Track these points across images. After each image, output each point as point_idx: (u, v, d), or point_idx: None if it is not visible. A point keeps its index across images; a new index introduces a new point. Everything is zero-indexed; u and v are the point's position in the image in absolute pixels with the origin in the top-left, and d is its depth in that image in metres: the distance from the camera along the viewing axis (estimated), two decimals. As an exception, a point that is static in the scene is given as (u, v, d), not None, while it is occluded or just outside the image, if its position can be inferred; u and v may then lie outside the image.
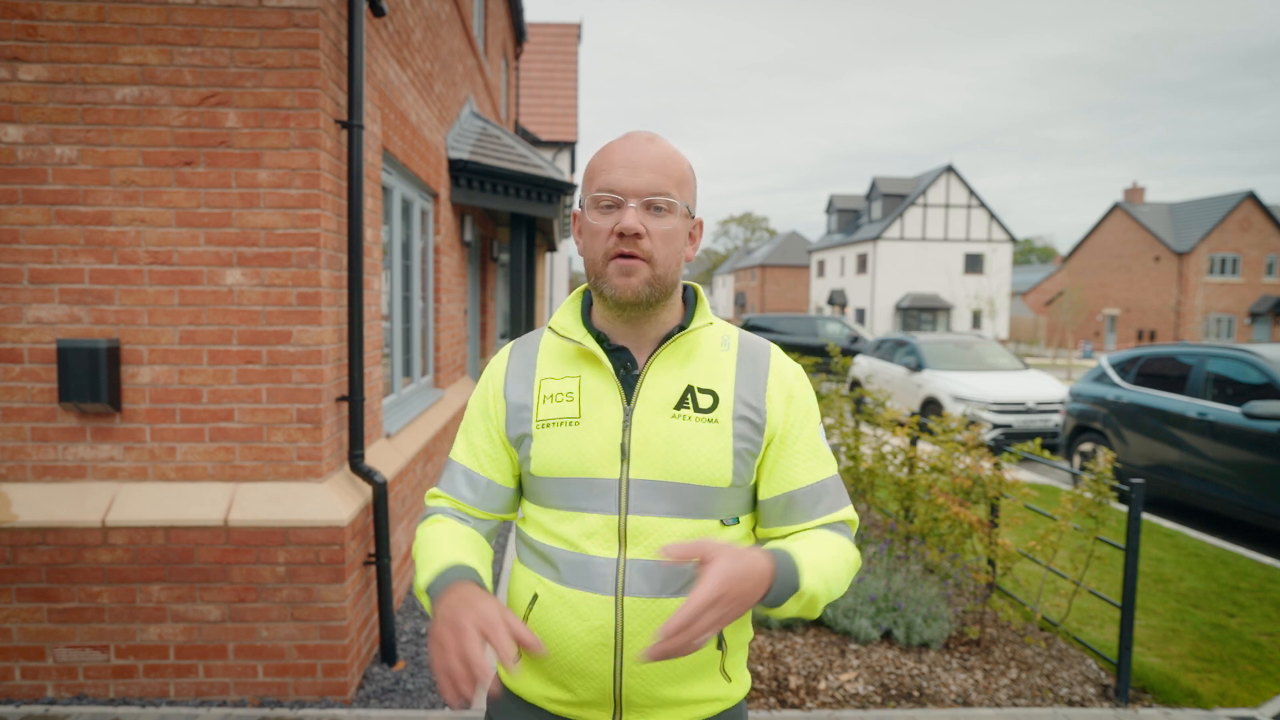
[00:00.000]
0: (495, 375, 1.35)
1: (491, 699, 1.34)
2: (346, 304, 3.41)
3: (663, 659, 1.01)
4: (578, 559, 1.21)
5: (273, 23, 3.05)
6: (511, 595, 1.33)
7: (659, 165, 1.19)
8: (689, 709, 1.24)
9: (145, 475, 3.17)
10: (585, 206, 1.23)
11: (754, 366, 1.28)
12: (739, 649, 1.30)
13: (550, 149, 15.76)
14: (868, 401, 5.61)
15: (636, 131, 1.26)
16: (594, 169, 1.23)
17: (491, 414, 1.32)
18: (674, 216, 1.21)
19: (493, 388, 1.33)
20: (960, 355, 11.83)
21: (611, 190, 1.18)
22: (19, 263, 3.06)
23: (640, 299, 1.20)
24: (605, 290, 1.21)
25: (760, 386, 1.27)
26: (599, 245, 1.20)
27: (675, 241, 1.22)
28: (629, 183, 1.18)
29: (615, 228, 1.18)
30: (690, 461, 1.20)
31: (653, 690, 1.21)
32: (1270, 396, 6.08)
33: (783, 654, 3.74)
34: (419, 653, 3.71)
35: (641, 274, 1.19)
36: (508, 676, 1.32)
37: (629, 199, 1.18)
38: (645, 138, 1.23)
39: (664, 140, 1.24)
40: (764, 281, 64.16)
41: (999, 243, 40.62)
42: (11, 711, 3.05)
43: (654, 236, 1.19)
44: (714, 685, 1.25)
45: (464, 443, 1.35)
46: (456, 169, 6.01)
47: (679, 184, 1.22)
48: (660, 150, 1.21)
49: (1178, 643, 4.16)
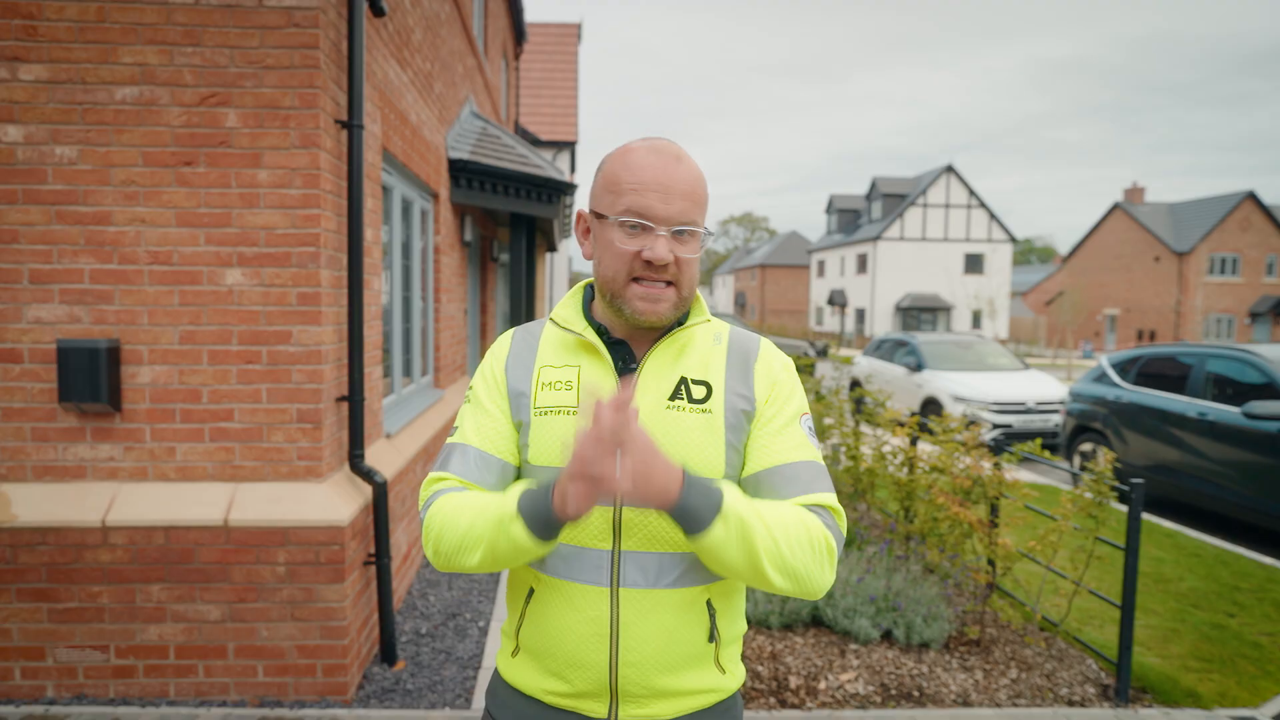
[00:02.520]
0: (498, 359, 1.34)
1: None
2: (346, 304, 3.41)
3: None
4: (573, 551, 1.22)
5: (273, 23, 3.05)
6: (510, 590, 1.35)
7: (689, 191, 1.20)
8: (684, 699, 1.25)
9: (145, 475, 3.17)
10: (608, 222, 1.22)
11: (744, 358, 1.31)
12: (732, 641, 1.31)
13: (550, 149, 15.76)
14: (868, 401, 5.61)
15: (660, 143, 1.23)
16: (617, 182, 1.20)
17: (496, 395, 1.31)
18: (697, 241, 1.23)
19: (495, 371, 1.33)
20: (960, 355, 11.82)
21: (643, 216, 1.18)
22: (19, 263, 3.06)
23: (664, 322, 1.24)
24: (626, 311, 1.22)
25: (749, 375, 1.29)
26: (622, 267, 1.21)
27: (696, 265, 1.25)
28: (661, 210, 1.18)
29: (643, 254, 1.18)
30: (684, 451, 1.21)
31: (648, 680, 1.22)
32: (1270, 396, 6.08)
33: (783, 654, 3.74)
34: (419, 653, 3.71)
35: (668, 300, 1.22)
36: (506, 669, 1.33)
37: (660, 226, 1.18)
38: (674, 156, 1.21)
39: (689, 157, 1.23)
40: (764, 281, 64.15)
41: (999, 243, 40.61)
42: (11, 711, 3.05)
43: (680, 264, 1.21)
44: (708, 676, 1.26)
45: (471, 425, 1.30)
46: (456, 169, 6.01)
47: (703, 209, 1.23)
48: (689, 174, 1.21)
49: (1178, 643, 4.15)
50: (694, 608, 1.23)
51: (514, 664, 1.31)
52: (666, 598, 1.21)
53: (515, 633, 1.31)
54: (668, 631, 1.21)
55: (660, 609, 1.21)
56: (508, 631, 1.34)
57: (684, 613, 1.22)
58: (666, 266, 1.19)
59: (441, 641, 3.84)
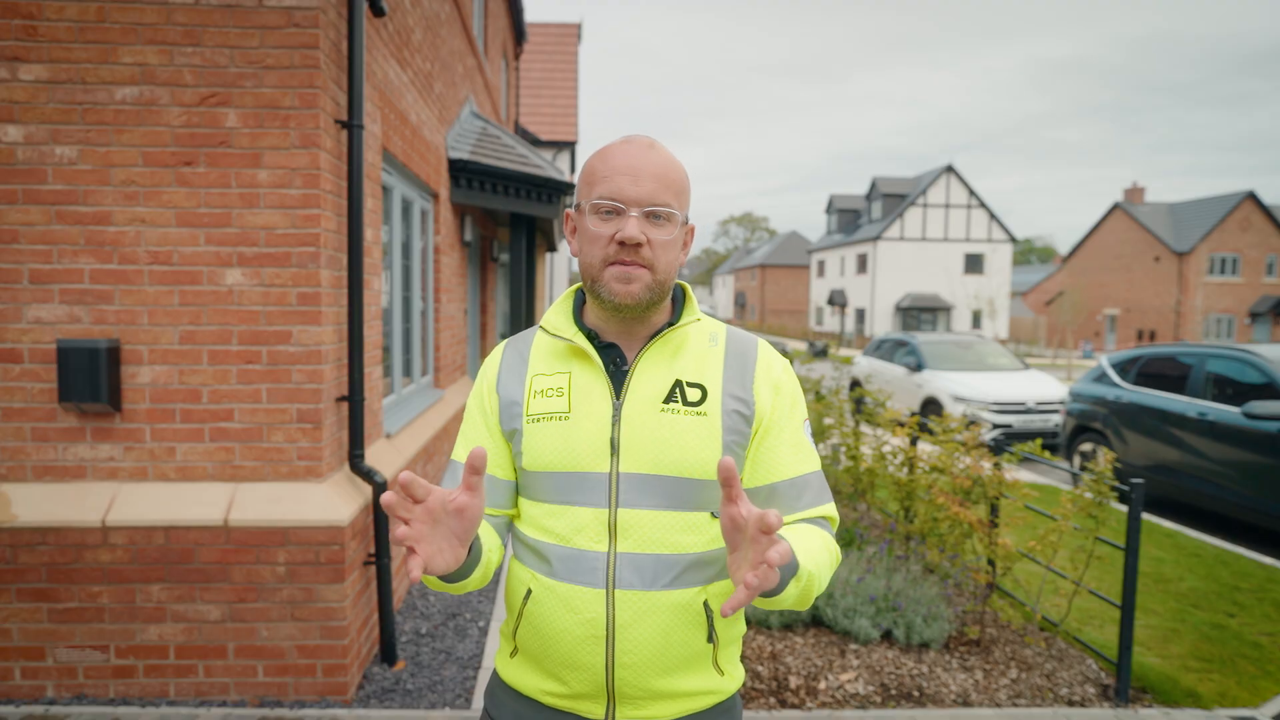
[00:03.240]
0: (489, 372, 1.37)
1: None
2: (346, 304, 3.41)
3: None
4: (569, 553, 1.23)
5: (273, 23, 3.05)
6: (508, 592, 1.36)
7: (660, 174, 1.21)
8: (682, 701, 1.25)
9: (145, 475, 3.17)
10: (584, 211, 1.25)
11: (742, 360, 1.31)
12: (731, 642, 1.31)
13: (550, 149, 15.76)
14: (868, 401, 5.61)
15: (635, 136, 1.27)
16: (593, 173, 1.24)
17: (487, 409, 1.34)
18: (673, 225, 1.23)
19: (487, 384, 1.36)
20: (960, 355, 11.82)
21: (613, 198, 1.20)
22: (19, 263, 3.06)
23: (640, 304, 1.23)
24: (603, 294, 1.24)
25: (748, 379, 1.29)
26: (597, 251, 1.23)
27: (673, 249, 1.25)
28: (631, 191, 1.19)
29: (616, 236, 1.20)
30: (679, 454, 1.22)
31: (644, 682, 1.22)
32: (1270, 396, 6.08)
33: (783, 654, 3.74)
34: (419, 653, 3.71)
35: (642, 280, 1.22)
36: (504, 670, 1.33)
37: (630, 208, 1.20)
38: (645, 144, 1.24)
39: (663, 147, 1.26)
40: (764, 281, 64.17)
41: (999, 243, 40.60)
42: (11, 711, 3.05)
43: (654, 245, 1.22)
44: (706, 678, 1.26)
45: (463, 443, 1.37)
46: (456, 169, 6.01)
47: (678, 193, 1.24)
48: (660, 159, 1.23)
49: (1178, 643, 4.15)
50: (691, 609, 1.23)
51: (512, 665, 1.32)
52: (663, 599, 1.21)
53: (513, 634, 1.31)
54: (664, 633, 1.21)
55: (657, 611, 1.21)
56: (506, 632, 1.34)
57: (681, 614, 1.22)
58: (639, 247, 1.20)
59: (441, 641, 3.84)
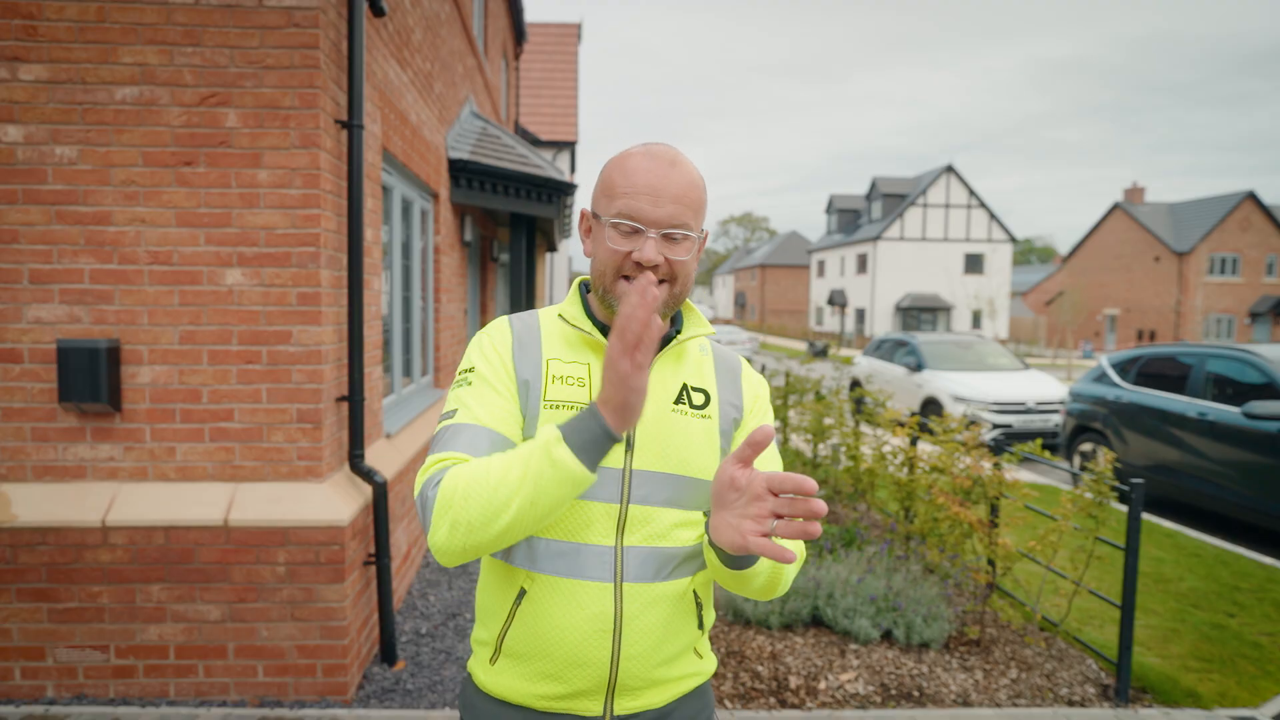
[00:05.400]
0: (500, 344, 1.29)
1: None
2: (346, 304, 3.41)
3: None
4: (573, 547, 1.23)
5: (273, 23, 3.05)
6: (489, 596, 1.30)
7: (681, 195, 1.21)
8: (673, 686, 1.31)
9: (145, 475, 3.17)
10: (602, 223, 1.24)
11: (730, 372, 1.39)
12: (708, 628, 1.39)
13: (550, 149, 15.76)
14: (868, 401, 5.61)
15: (657, 148, 1.25)
16: (612, 186, 1.23)
17: (505, 378, 1.26)
18: (690, 243, 1.24)
19: (501, 355, 1.28)
20: (960, 355, 11.82)
21: (632, 218, 1.20)
22: (19, 263, 3.06)
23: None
24: (614, 303, 1.25)
25: (737, 387, 1.38)
26: (612, 264, 1.23)
27: (690, 265, 1.27)
28: (651, 213, 1.20)
29: (633, 256, 1.21)
30: (686, 454, 1.26)
31: (647, 672, 1.25)
32: (1270, 396, 6.08)
33: (783, 654, 3.74)
34: (419, 653, 3.71)
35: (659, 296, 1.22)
36: (485, 678, 1.29)
37: (649, 229, 1.20)
38: (668, 160, 1.23)
39: (685, 161, 1.25)
40: (764, 281, 64.17)
41: (999, 243, 40.60)
42: (11, 711, 3.05)
43: (673, 264, 1.23)
44: (692, 663, 1.34)
45: (480, 405, 1.23)
46: (456, 169, 6.01)
47: (697, 211, 1.25)
48: (682, 178, 1.22)
49: (1178, 643, 4.15)
50: (685, 599, 1.29)
51: (495, 671, 1.28)
52: (664, 590, 1.25)
53: (497, 639, 1.27)
54: (665, 623, 1.26)
55: (659, 602, 1.25)
56: (483, 639, 1.31)
57: (678, 604, 1.27)
58: (657, 267, 1.21)
59: (441, 641, 3.84)
